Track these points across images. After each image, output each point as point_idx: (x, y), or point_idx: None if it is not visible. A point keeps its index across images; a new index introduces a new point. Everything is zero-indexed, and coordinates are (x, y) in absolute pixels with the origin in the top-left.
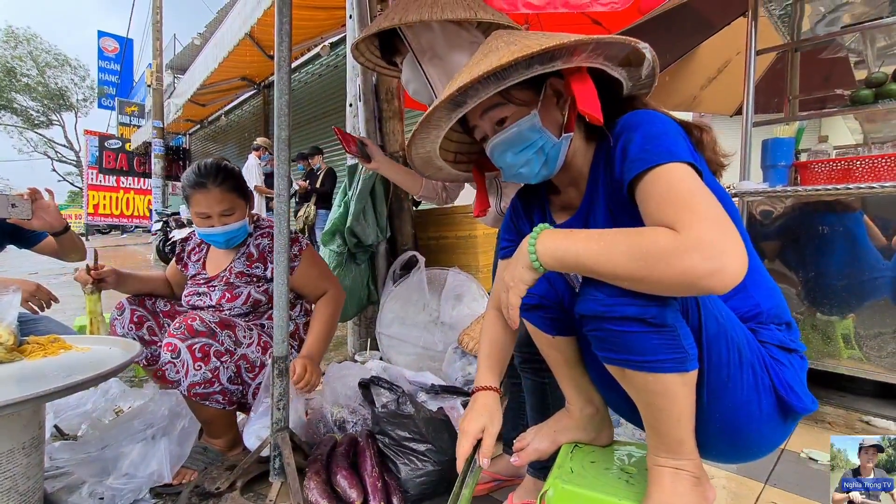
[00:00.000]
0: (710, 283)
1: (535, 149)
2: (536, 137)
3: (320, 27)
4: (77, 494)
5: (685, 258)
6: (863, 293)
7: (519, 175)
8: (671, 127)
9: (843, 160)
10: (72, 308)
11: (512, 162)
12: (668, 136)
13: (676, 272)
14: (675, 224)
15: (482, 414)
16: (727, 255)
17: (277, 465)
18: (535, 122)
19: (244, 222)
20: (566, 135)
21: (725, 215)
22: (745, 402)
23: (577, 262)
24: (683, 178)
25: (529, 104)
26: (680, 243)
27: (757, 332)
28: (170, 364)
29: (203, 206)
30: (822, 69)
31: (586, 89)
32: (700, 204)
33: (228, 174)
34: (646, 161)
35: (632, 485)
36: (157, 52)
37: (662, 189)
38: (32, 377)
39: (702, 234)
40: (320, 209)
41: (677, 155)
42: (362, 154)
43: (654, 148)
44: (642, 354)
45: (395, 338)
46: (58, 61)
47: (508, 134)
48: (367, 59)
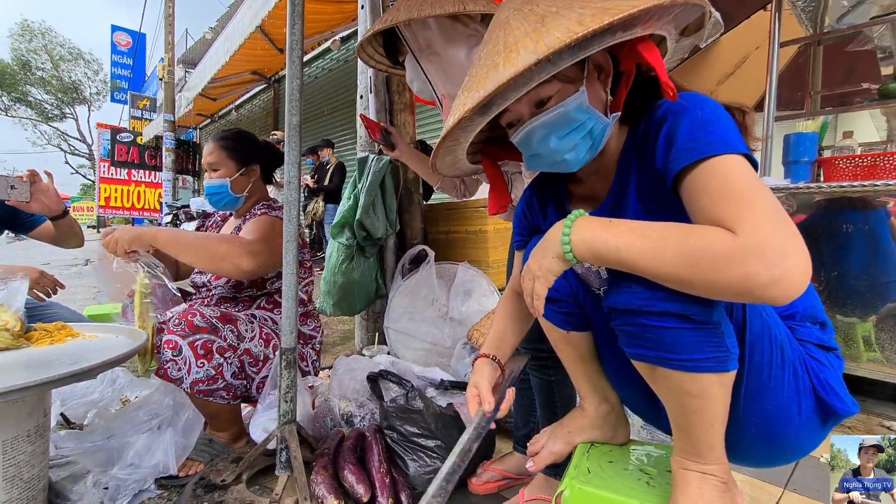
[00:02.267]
0: (771, 293)
1: (584, 132)
2: (585, 118)
3: (330, 21)
4: (82, 484)
5: (743, 265)
6: (886, 294)
7: (562, 162)
8: (722, 113)
9: (868, 156)
10: (82, 298)
11: (556, 147)
12: (721, 122)
13: (733, 279)
14: (733, 224)
15: (474, 376)
16: (791, 261)
17: (284, 458)
18: (584, 101)
19: (224, 182)
20: (614, 114)
21: (787, 215)
22: (785, 404)
23: (618, 257)
24: (742, 172)
25: (574, 81)
26: (738, 247)
27: (794, 329)
28: (171, 362)
29: (203, 156)
30: (846, 63)
31: (659, 59)
32: (760, 202)
33: (231, 136)
34: (698, 151)
35: (653, 486)
36: (168, 46)
37: (718, 184)
38: (38, 364)
39: (763, 238)
40: (328, 204)
41: (732, 145)
42: (386, 142)
43: (705, 136)
44: (680, 352)
45: (403, 332)
46: (72, 55)
47: (553, 115)
48: (375, 62)
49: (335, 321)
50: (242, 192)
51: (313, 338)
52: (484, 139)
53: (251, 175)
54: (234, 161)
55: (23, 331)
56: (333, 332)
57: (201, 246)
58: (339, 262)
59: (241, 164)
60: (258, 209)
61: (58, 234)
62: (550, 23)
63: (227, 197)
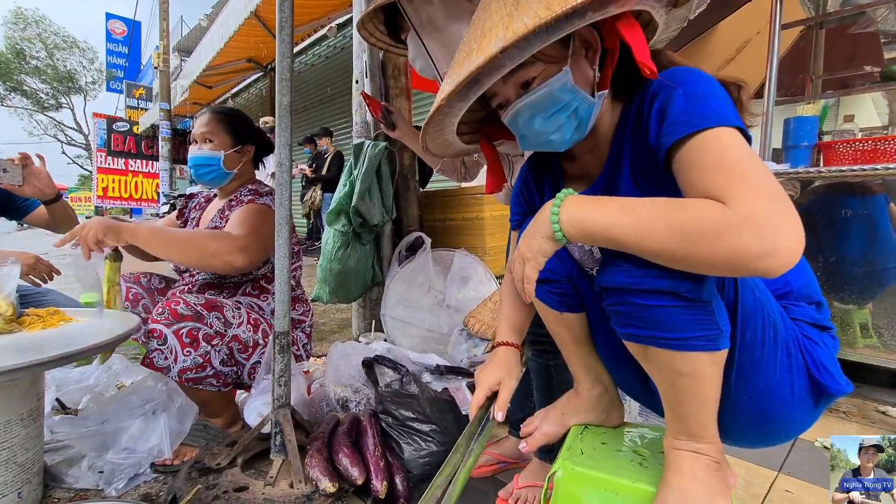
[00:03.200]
0: (763, 265)
1: (569, 111)
2: (570, 98)
3: (326, 7)
4: (77, 468)
5: (735, 237)
6: (884, 281)
7: (548, 143)
8: (717, 87)
9: (869, 140)
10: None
11: (541, 128)
12: (715, 96)
13: (724, 252)
14: (725, 196)
15: (500, 367)
16: (783, 233)
17: (278, 442)
18: (568, 81)
19: (217, 155)
20: (601, 93)
21: (781, 188)
22: (777, 383)
23: (607, 235)
24: (736, 145)
25: (558, 60)
26: (730, 219)
27: (789, 309)
28: (157, 352)
29: (196, 126)
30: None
31: (639, 38)
32: (753, 174)
33: (230, 111)
34: (690, 125)
35: (645, 467)
36: (163, 34)
37: (710, 156)
38: (30, 348)
39: (755, 209)
40: (326, 193)
41: (726, 118)
42: (387, 122)
43: (698, 110)
44: (671, 331)
45: (400, 320)
46: (66, 43)
47: (537, 96)
48: (376, 40)
49: (332, 309)
50: (234, 168)
51: (303, 322)
52: (481, 118)
53: (244, 154)
54: (231, 136)
55: (14, 315)
56: (330, 320)
57: (188, 243)
58: (336, 250)
59: (236, 141)
60: (244, 194)
61: (52, 219)
62: (524, 6)
63: (218, 171)
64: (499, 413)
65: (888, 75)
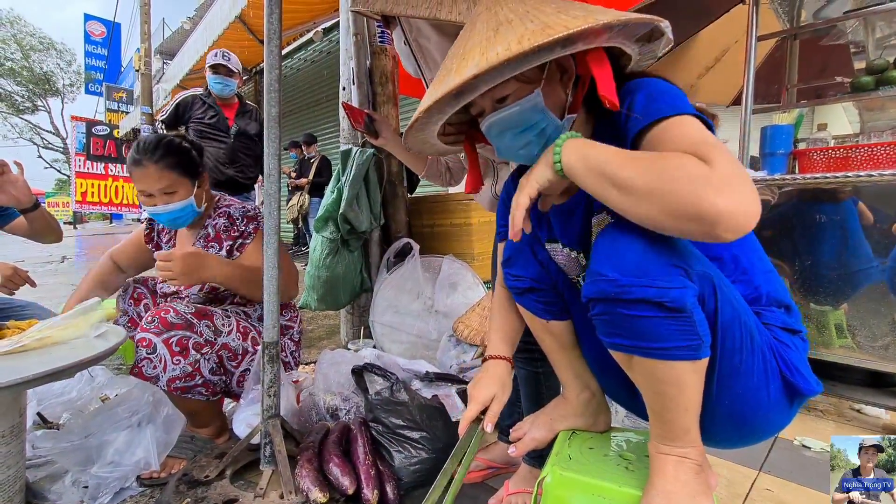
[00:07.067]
0: (724, 224)
1: (536, 131)
2: (538, 119)
3: (313, 12)
4: (60, 484)
5: (710, 190)
6: (857, 282)
7: (518, 157)
8: (675, 88)
9: (841, 148)
10: (59, 296)
11: (510, 144)
12: (674, 94)
13: (694, 199)
14: (706, 158)
15: (493, 382)
16: (746, 201)
17: (268, 452)
18: (538, 102)
19: (189, 202)
20: (569, 116)
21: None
22: (755, 387)
23: (598, 163)
24: (699, 127)
25: (532, 81)
26: (710, 173)
27: (760, 314)
28: (146, 360)
29: (143, 183)
30: (821, 57)
31: (605, 73)
32: (719, 146)
33: (169, 150)
34: (652, 114)
35: (631, 471)
36: (144, 36)
37: (676, 134)
38: (10, 363)
39: (729, 172)
40: (314, 198)
41: (684, 109)
42: (369, 130)
43: (659, 104)
44: (655, 341)
45: (388, 326)
46: (43, 45)
47: (508, 113)
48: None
49: (320, 316)
50: (202, 202)
51: (291, 328)
52: (467, 121)
53: (203, 183)
54: (188, 177)
55: None
56: (319, 327)
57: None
58: (324, 256)
59: (193, 178)
60: (244, 225)
61: (31, 229)
62: (502, 34)
63: (192, 213)
64: (488, 425)
65: (857, 86)
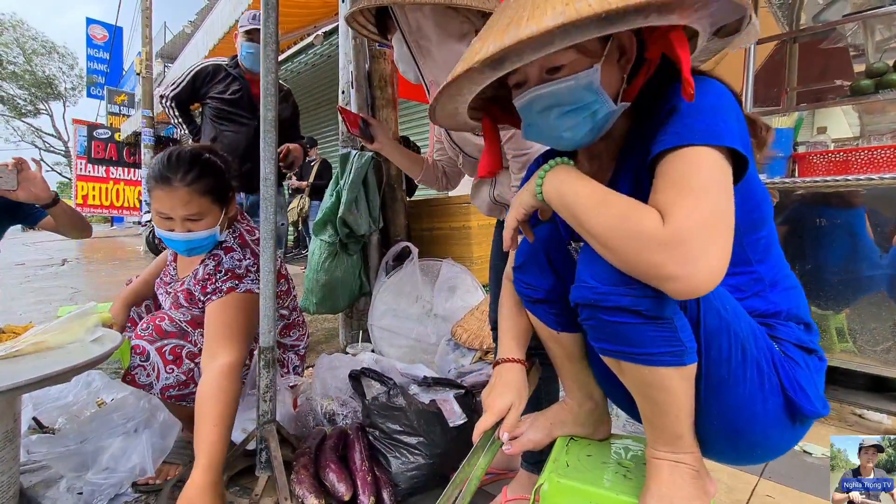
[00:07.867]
0: (672, 287)
1: (588, 112)
2: (592, 99)
3: (313, 16)
4: (55, 489)
5: (656, 252)
6: (859, 287)
7: (557, 139)
8: (726, 101)
9: (841, 151)
10: (57, 299)
11: (554, 124)
12: (718, 111)
13: (642, 261)
14: (667, 210)
15: (508, 390)
16: (702, 263)
17: (264, 458)
18: (595, 80)
19: (213, 232)
20: (623, 103)
21: (727, 218)
22: (747, 400)
23: (567, 202)
24: (707, 166)
25: (592, 55)
26: (660, 234)
27: (774, 327)
28: (139, 368)
29: (165, 205)
30: (821, 61)
31: (687, 52)
32: (703, 197)
33: (204, 171)
34: (681, 137)
35: (629, 479)
36: (146, 40)
37: (678, 170)
38: (5, 368)
39: (685, 232)
40: (314, 201)
41: (719, 136)
42: (365, 135)
43: (696, 123)
44: (638, 346)
45: (387, 330)
46: (45, 48)
47: (560, 87)
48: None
49: (319, 319)
50: (225, 228)
51: (296, 346)
52: (489, 97)
53: (231, 209)
54: (218, 203)
55: None
56: (317, 331)
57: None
58: (322, 260)
59: (222, 203)
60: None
61: (56, 224)
62: None
63: (213, 244)
64: (504, 434)
65: (857, 90)
